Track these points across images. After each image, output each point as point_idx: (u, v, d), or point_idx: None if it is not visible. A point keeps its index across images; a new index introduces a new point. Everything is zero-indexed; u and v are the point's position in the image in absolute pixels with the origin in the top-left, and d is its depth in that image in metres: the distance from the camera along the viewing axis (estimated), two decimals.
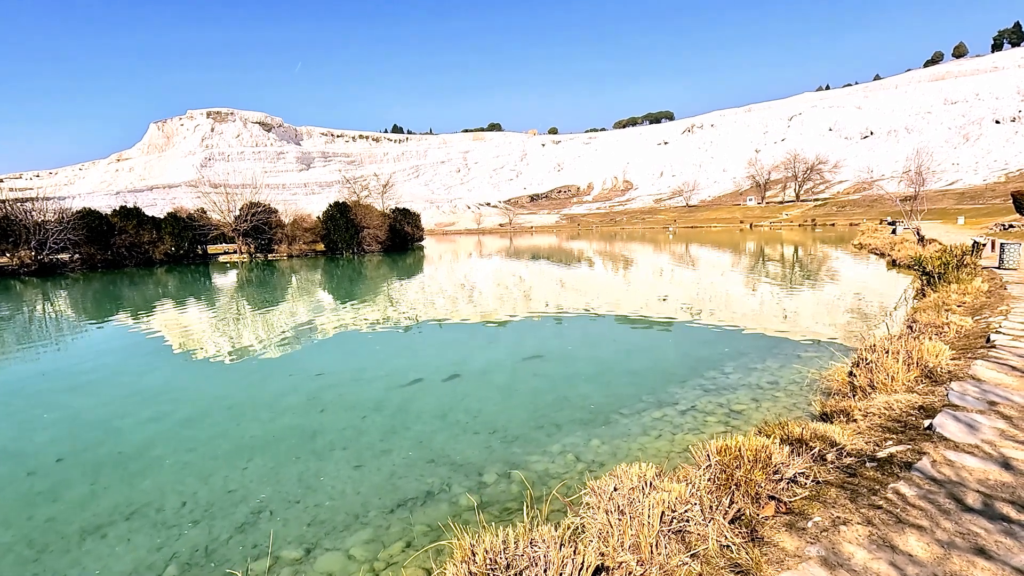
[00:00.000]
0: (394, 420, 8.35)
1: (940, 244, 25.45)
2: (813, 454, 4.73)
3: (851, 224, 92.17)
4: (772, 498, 3.85)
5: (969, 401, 5.73)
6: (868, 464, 4.51)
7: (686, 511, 3.37)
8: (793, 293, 20.02)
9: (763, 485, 3.80)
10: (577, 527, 3.52)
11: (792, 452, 4.54)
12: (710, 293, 21.00)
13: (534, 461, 6.71)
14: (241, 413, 8.89)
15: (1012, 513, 3.59)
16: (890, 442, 4.98)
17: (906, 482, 4.04)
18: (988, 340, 8.34)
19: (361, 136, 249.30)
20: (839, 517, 3.61)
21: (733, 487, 3.74)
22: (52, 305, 24.78)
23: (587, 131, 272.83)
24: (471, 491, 6.09)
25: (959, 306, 12.38)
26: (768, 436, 4.89)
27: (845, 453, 4.85)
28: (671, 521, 3.30)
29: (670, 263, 37.16)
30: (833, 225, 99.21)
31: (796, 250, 44.77)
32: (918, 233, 31.32)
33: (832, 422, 6.28)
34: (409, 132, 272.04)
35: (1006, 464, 4.29)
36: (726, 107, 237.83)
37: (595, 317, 16.85)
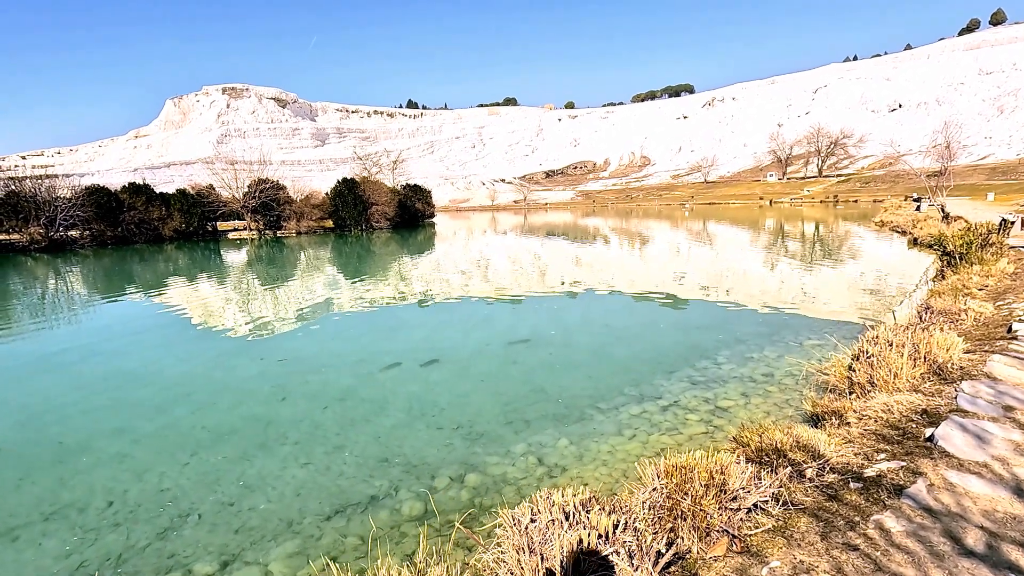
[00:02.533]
0: (356, 411, 7.83)
1: (965, 221, 24.08)
2: (789, 470, 4.06)
3: (875, 201, 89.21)
4: (726, 532, 3.20)
5: (981, 406, 4.98)
6: (852, 485, 3.83)
7: (608, 555, 2.74)
8: (803, 273, 19.03)
9: (715, 516, 3.15)
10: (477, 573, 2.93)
11: (760, 471, 3.88)
12: (718, 272, 20.10)
13: (493, 463, 6.14)
14: (200, 401, 8.44)
15: (1022, 560, 2.90)
16: (883, 455, 4.28)
17: (893, 513, 3.36)
18: (1009, 330, 7.50)
19: (376, 112, 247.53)
20: (802, 562, 2.95)
21: (677, 519, 3.10)
22: (48, 282, 24.72)
23: (604, 105, 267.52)
24: (418, 498, 5.54)
25: (980, 290, 11.44)
26: (735, 450, 4.23)
27: (828, 468, 4.17)
28: (587, 568, 2.69)
29: (681, 241, 36.04)
30: (856, 202, 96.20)
31: (816, 227, 43.20)
32: (943, 210, 29.79)
33: (822, 425, 5.58)
34: (424, 107, 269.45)
35: (1019, 490, 3.58)
36: (749, 80, 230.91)
37: (593, 297, 16.14)
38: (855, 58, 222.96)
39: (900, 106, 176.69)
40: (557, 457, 6.14)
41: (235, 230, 53.73)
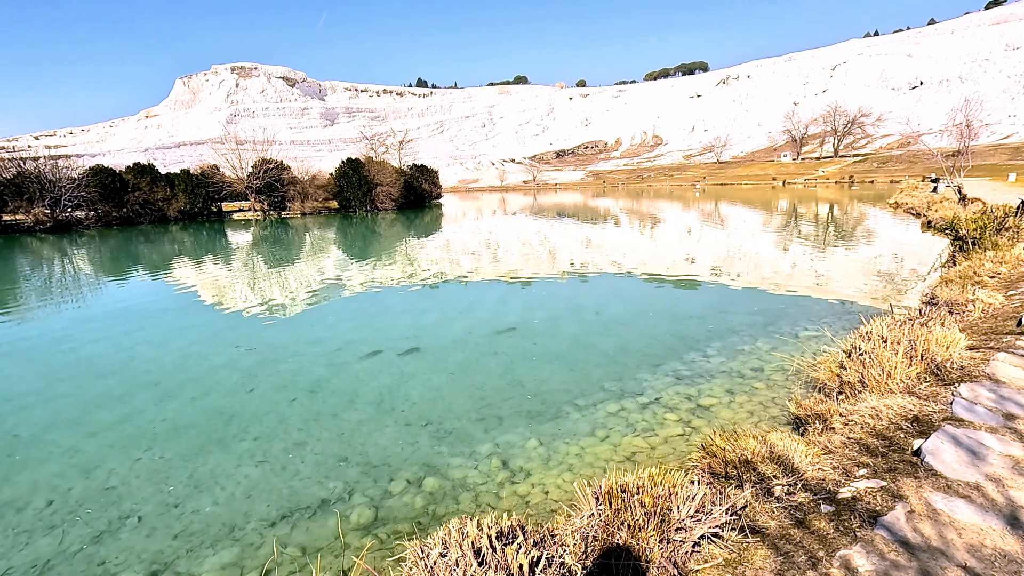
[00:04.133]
0: (324, 405, 7.51)
1: (982, 203, 23.16)
2: (755, 489, 3.65)
3: (891, 181, 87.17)
4: (669, 566, 2.81)
5: (979, 413, 4.52)
6: (823, 508, 3.41)
7: None
8: (808, 258, 18.36)
9: (655, 550, 2.76)
10: None
11: (724, 488, 3.47)
12: (722, 255, 19.48)
13: (456, 465, 5.79)
14: (165, 391, 8.17)
15: None
16: (863, 471, 3.86)
17: (864, 547, 2.95)
18: (1020, 323, 6.98)
19: (385, 91, 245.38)
20: None
21: (612, 556, 2.71)
22: (40, 263, 24.66)
23: (616, 83, 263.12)
24: (370, 503, 5.22)
25: (992, 277, 10.84)
26: (702, 460, 3.82)
27: (800, 485, 3.75)
28: None
29: (689, 223, 35.25)
30: (872, 182, 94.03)
31: (831, 209, 42.08)
32: (959, 191, 28.75)
33: (805, 430, 5.15)
34: (434, 86, 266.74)
35: (1013, 519, 3.14)
36: (765, 57, 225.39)
37: (589, 281, 15.67)
38: (876, 34, 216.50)
39: (921, 83, 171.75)
40: (523, 460, 5.78)
41: (240, 211, 53.59)
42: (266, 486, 5.66)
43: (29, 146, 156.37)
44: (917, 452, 3.94)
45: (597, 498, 3.05)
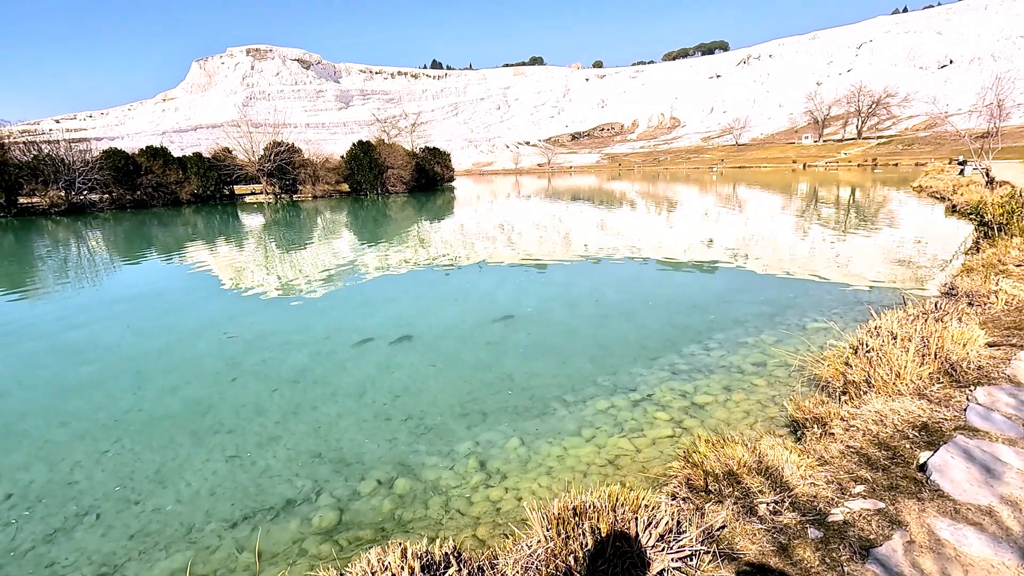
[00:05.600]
0: (305, 396, 7.26)
1: (1011, 187, 22.12)
2: (737, 506, 3.28)
3: (916, 164, 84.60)
4: None
5: (996, 422, 4.07)
6: (810, 533, 3.03)
7: None
8: (821, 243, 17.63)
9: None
10: None
11: (704, 504, 3.10)
12: (733, 240, 18.82)
13: (431, 465, 5.49)
14: (147, 379, 7.97)
15: None
16: (860, 488, 3.46)
17: None
18: None
19: (400, 73, 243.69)
20: None
21: None
22: (47, 247, 24.80)
23: (634, 64, 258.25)
24: (336, 505, 4.95)
25: (1019, 266, 10.20)
26: (683, 470, 3.45)
27: (788, 503, 3.37)
28: None
29: (704, 207, 34.40)
30: (896, 165, 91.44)
31: (852, 192, 40.80)
32: (987, 174, 27.56)
33: (802, 434, 4.75)
34: (448, 68, 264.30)
35: None
36: (787, 35, 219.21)
37: (590, 266, 15.22)
38: (905, 10, 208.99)
39: (951, 62, 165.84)
40: (501, 460, 5.46)
41: (252, 194, 53.65)
42: (233, 483, 5.42)
43: (50, 129, 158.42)
44: (923, 467, 3.52)
45: (547, 522, 2.71)
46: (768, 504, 3.32)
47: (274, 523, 4.77)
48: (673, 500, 3.53)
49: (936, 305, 6.23)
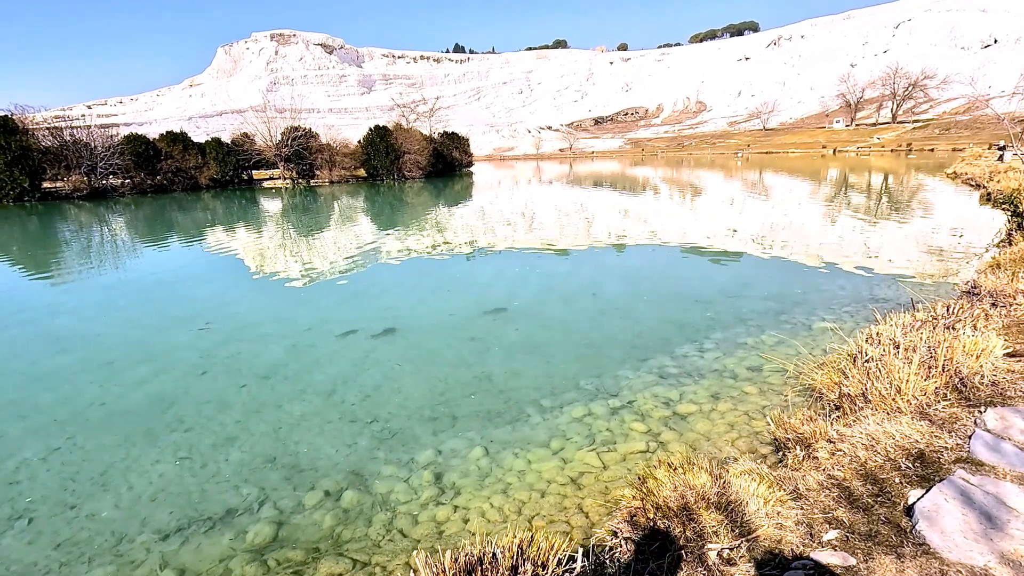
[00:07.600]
0: (272, 393, 6.94)
1: None
2: (681, 554, 2.81)
3: (953, 149, 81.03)
4: None
5: (1005, 453, 3.51)
6: None
7: None
8: (839, 233, 16.70)
9: None
10: None
11: (646, 548, 2.64)
12: (749, 229, 17.99)
13: (386, 475, 5.12)
14: (115, 371, 7.76)
15: None
16: (833, 534, 2.95)
17: None
18: None
19: (422, 57, 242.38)
20: None
21: None
22: (56, 231, 25.08)
23: (660, 47, 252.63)
24: (276, 518, 4.61)
25: None
26: (634, 499, 3.00)
27: (744, 549, 2.89)
28: None
29: (726, 194, 33.30)
30: (932, 150, 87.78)
31: (885, 179, 39.10)
32: None
33: (784, 456, 4.23)
34: (471, 52, 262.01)
35: None
36: (821, 15, 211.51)
37: (596, 254, 14.65)
38: None
39: (996, 41, 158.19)
40: (459, 473, 5.05)
41: (270, 179, 53.92)
42: (178, 488, 5.12)
43: (82, 115, 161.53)
44: (910, 510, 3.00)
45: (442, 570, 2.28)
46: (719, 550, 2.84)
47: (207, 536, 4.45)
48: (611, 541, 3.07)
49: (948, 309, 5.58)
